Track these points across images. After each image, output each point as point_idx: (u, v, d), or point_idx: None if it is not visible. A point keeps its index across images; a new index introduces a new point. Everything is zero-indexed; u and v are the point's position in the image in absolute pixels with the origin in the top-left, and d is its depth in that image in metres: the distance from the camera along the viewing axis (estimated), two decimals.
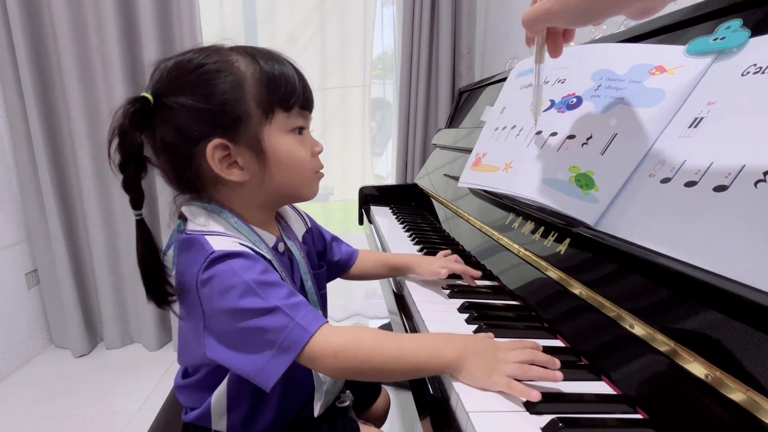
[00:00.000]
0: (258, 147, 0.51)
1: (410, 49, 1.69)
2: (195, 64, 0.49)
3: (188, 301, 0.50)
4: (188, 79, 0.49)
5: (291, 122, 0.53)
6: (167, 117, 0.49)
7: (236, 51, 0.51)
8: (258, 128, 0.50)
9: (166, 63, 0.50)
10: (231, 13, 1.79)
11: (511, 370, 0.43)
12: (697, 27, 0.54)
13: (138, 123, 0.48)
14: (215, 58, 0.49)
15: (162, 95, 0.49)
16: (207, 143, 0.49)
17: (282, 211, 0.65)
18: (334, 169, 1.94)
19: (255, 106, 0.50)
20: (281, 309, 0.45)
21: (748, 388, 0.31)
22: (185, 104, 0.48)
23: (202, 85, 0.48)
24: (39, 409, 1.48)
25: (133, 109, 0.48)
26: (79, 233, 1.75)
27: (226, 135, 0.49)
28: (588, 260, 0.52)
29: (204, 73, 0.49)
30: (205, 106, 0.48)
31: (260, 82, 0.50)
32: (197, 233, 0.50)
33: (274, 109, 0.51)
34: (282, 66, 0.52)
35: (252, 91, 0.49)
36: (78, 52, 1.55)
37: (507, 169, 0.71)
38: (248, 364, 0.46)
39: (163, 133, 0.50)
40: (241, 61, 0.50)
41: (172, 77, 0.49)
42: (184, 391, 0.60)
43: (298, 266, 0.60)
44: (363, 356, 0.46)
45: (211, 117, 0.49)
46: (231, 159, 0.51)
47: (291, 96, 0.51)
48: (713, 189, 0.40)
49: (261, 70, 0.50)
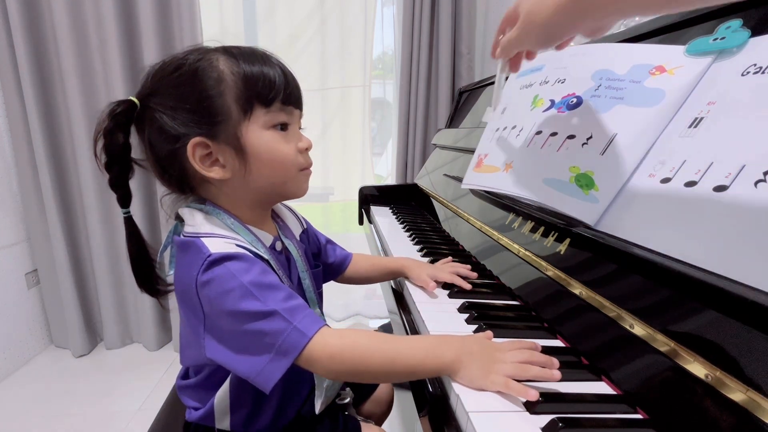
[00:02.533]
0: (237, 144, 0.51)
1: (410, 49, 1.69)
2: (174, 65, 0.50)
3: (188, 304, 0.50)
4: (169, 80, 0.50)
5: (272, 118, 0.52)
6: (152, 118, 0.50)
7: (217, 51, 0.52)
8: (237, 126, 0.50)
9: (153, 66, 0.52)
10: (231, 13, 1.79)
11: (509, 370, 0.43)
12: (697, 27, 0.54)
13: (122, 125, 0.50)
14: (195, 57, 0.50)
15: (147, 98, 0.51)
16: (187, 141, 0.49)
17: (278, 211, 0.65)
18: (334, 169, 1.94)
19: (233, 103, 0.50)
20: (279, 313, 0.46)
21: (748, 388, 0.31)
22: (166, 105, 0.49)
23: (181, 85, 0.49)
24: (39, 409, 1.48)
25: (117, 110, 0.50)
26: (79, 233, 1.75)
27: (206, 133, 0.50)
28: (588, 260, 0.52)
29: (183, 74, 0.50)
30: (184, 105, 0.49)
31: (238, 78, 0.50)
32: (193, 235, 0.50)
33: (252, 106, 0.51)
34: (262, 63, 0.52)
35: (230, 89, 0.50)
36: (78, 52, 1.55)
37: (507, 169, 0.71)
38: (247, 366, 0.46)
39: (149, 134, 0.51)
40: (221, 59, 0.50)
41: (155, 79, 0.51)
42: (186, 391, 0.60)
43: (296, 265, 0.60)
44: (360, 359, 0.47)
45: (190, 116, 0.49)
46: (212, 157, 0.51)
47: (269, 91, 0.51)
48: (713, 189, 0.40)
49: (239, 67, 0.50)
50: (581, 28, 0.47)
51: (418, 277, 0.69)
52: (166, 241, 0.55)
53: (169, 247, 0.56)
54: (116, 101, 0.50)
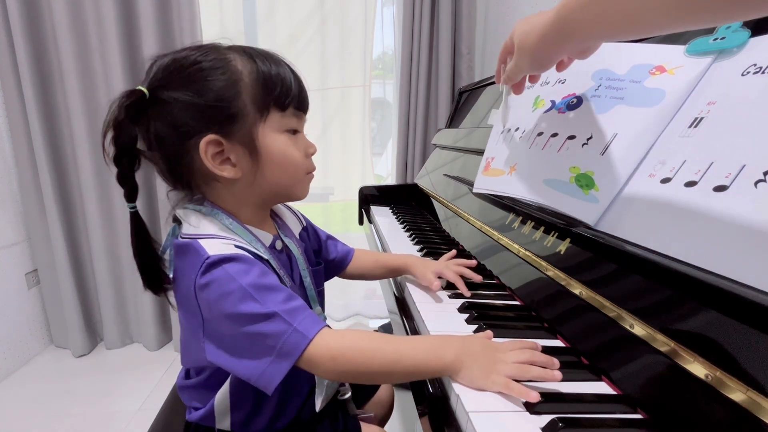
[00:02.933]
0: (251, 145, 0.51)
1: (410, 49, 1.69)
2: (192, 60, 0.49)
3: (188, 306, 0.50)
4: (184, 74, 0.49)
5: (285, 122, 0.53)
6: (162, 111, 0.49)
7: (233, 50, 0.51)
8: (252, 126, 0.50)
9: (162, 59, 0.51)
10: (231, 13, 1.79)
11: (509, 371, 0.43)
12: None
13: (133, 116, 0.49)
14: (212, 55, 0.50)
15: (157, 89, 0.49)
16: (200, 138, 0.49)
17: (277, 210, 0.65)
18: (334, 169, 1.93)
19: (250, 104, 0.50)
20: (279, 314, 0.45)
21: (748, 388, 0.31)
22: (180, 99, 0.48)
23: (198, 81, 0.48)
24: (39, 408, 1.48)
25: (128, 102, 0.48)
26: (79, 233, 1.75)
27: (220, 131, 0.49)
28: (588, 260, 0.52)
29: (200, 69, 0.49)
30: (200, 102, 0.48)
31: (257, 81, 0.50)
32: (191, 237, 0.50)
33: (269, 109, 0.51)
34: (279, 67, 0.52)
35: (248, 90, 0.49)
36: (78, 52, 1.54)
37: (511, 171, 0.71)
38: (248, 369, 0.46)
39: (157, 127, 0.50)
40: (238, 59, 0.50)
41: (168, 72, 0.50)
42: (187, 391, 0.60)
43: (297, 263, 0.60)
44: (361, 360, 0.47)
45: (205, 112, 0.49)
46: (224, 155, 0.51)
47: (286, 96, 0.52)
48: (713, 189, 0.40)
49: (258, 69, 0.50)
50: (567, 51, 0.50)
51: (423, 276, 0.68)
52: (165, 243, 0.55)
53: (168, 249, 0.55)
54: (126, 92, 0.49)
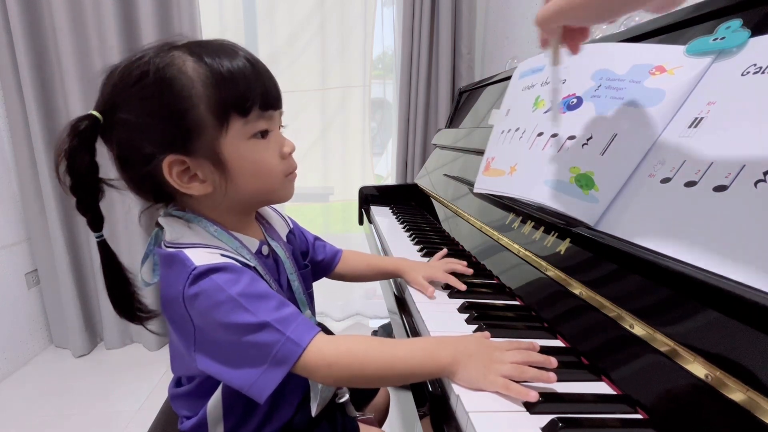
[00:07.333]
0: (216, 159, 0.47)
1: (410, 49, 1.69)
2: (137, 74, 0.45)
3: (176, 317, 0.48)
4: (132, 92, 0.45)
5: (251, 128, 0.48)
6: (118, 135, 0.46)
7: (184, 50, 0.46)
8: (214, 140, 0.46)
9: (112, 75, 0.47)
10: (231, 12, 1.79)
11: (506, 371, 0.43)
12: (697, 27, 0.54)
13: (86, 143, 0.46)
14: (158, 62, 0.45)
15: (110, 111, 0.46)
16: (161, 160, 0.46)
17: (263, 213, 0.63)
18: (334, 169, 1.94)
19: (208, 113, 0.45)
20: (271, 324, 0.44)
21: (748, 388, 0.31)
22: (134, 121, 0.45)
23: (147, 98, 0.45)
24: (39, 408, 1.48)
25: (80, 128, 0.45)
26: (79, 233, 1.75)
27: (181, 149, 0.46)
28: (588, 260, 0.52)
29: (148, 85, 0.44)
30: (152, 122, 0.45)
31: (211, 85, 0.45)
32: (176, 247, 0.48)
33: (229, 117, 0.46)
34: (233, 61, 0.46)
35: (202, 98, 0.45)
36: (78, 52, 1.55)
37: (512, 172, 0.71)
38: (240, 378, 0.45)
39: (119, 150, 0.47)
40: (188, 63, 0.45)
41: (117, 91, 0.46)
42: (178, 399, 0.59)
43: (284, 267, 0.59)
44: (357, 365, 0.46)
45: (161, 132, 0.45)
46: (190, 173, 0.48)
47: (246, 99, 0.46)
48: (713, 189, 0.40)
49: (210, 71, 0.45)
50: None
51: (414, 281, 0.68)
52: (147, 249, 0.53)
53: (150, 256, 0.53)
54: (77, 117, 0.46)
